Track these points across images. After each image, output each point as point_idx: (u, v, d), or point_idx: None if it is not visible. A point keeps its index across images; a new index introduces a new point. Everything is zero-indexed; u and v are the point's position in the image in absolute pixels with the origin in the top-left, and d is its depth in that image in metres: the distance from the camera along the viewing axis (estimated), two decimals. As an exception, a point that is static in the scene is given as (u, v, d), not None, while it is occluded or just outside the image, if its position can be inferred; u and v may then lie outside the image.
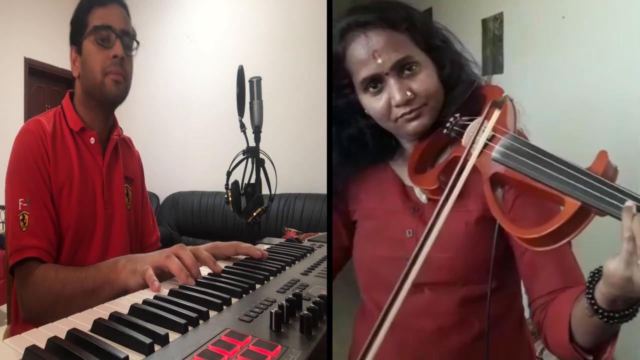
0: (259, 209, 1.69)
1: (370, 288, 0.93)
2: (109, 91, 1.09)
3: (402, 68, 0.79)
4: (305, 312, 0.63)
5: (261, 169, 1.74)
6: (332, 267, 0.94)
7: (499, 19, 2.96)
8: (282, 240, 1.36)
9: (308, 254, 1.13)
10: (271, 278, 0.90)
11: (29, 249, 0.99)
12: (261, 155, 1.73)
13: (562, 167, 0.59)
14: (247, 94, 1.78)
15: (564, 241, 0.58)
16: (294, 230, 3.35)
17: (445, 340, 0.86)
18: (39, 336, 0.60)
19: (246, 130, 1.77)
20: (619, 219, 0.54)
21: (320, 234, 1.59)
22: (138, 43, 1.15)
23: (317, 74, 2.55)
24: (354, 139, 0.87)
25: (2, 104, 4.12)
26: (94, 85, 1.09)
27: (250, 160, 1.73)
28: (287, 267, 0.99)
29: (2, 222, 3.25)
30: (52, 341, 0.56)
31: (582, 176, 0.57)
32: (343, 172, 0.90)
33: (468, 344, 0.85)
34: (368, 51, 0.78)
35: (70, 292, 0.93)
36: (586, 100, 2.24)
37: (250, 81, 1.77)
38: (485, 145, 0.68)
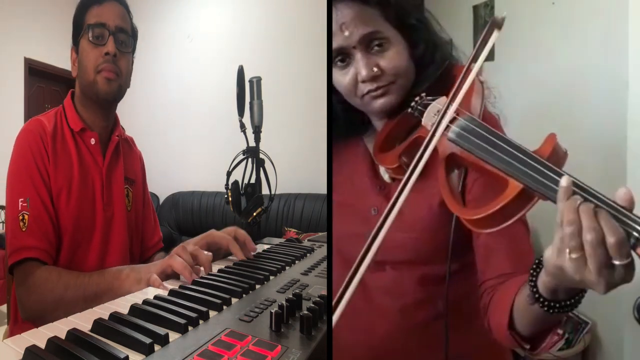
0: (259, 209, 1.69)
1: (339, 263, 0.93)
2: (101, 89, 1.08)
3: (370, 43, 0.77)
4: (305, 312, 0.63)
5: (261, 169, 1.74)
6: (332, 267, 0.94)
7: (489, 5, 2.97)
8: (282, 240, 1.36)
9: (308, 254, 1.13)
10: (271, 278, 0.90)
11: (28, 249, 0.98)
12: (261, 155, 1.73)
13: (508, 148, 0.59)
14: (247, 94, 1.78)
15: (507, 223, 0.58)
16: (294, 230, 3.34)
17: (408, 318, 0.86)
18: (39, 336, 0.60)
19: (246, 130, 1.77)
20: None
21: (320, 234, 1.59)
22: (135, 43, 1.14)
23: (317, 74, 2.55)
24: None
25: (2, 104, 4.12)
26: (88, 83, 1.09)
27: (250, 160, 1.73)
28: (287, 267, 0.99)
29: (2, 222, 3.25)
30: (52, 341, 0.56)
31: (525, 158, 0.57)
32: None
33: (430, 322, 0.85)
34: (336, 24, 0.77)
35: (72, 297, 0.93)
36: (575, 86, 2.24)
37: (250, 81, 1.77)
38: (447, 127, 0.67)
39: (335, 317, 0.59)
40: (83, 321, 0.65)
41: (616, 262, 0.49)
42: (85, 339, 0.57)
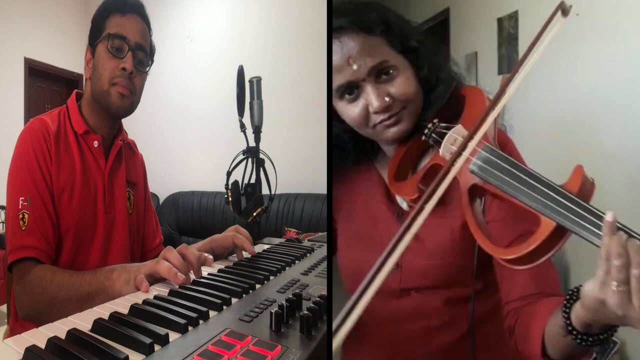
0: (259, 209, 1.69)
1: (354, 291, 0.93)
2: (113, 102, 1.08)
3: (379, 73, 0.76)
4: (305, 312, 0.63)
5: (261, 169, 1.73)
6: (332, 267, 0.94)
7: (514, 17, 2.96)
8: (282, 240, 1.36)
9: (308, 254, 1.13)
10: (271, 278, 0.90)
11: (26, 248, 0.98)
12: (261, 155, 1.73)
13: (537, 185, 0.58)
14: (247, 94, 1.78)
15: (541, 260, 0.57)
16: (294, 230, 3.35)
17: (433, 339, 0.86)
18: (39, 336, 0.60)
19: (246, 130, 1.77)
20: (591, 242, 0.53)
21: (320, 234, 1.59)
22: (152, 62, 1.14)
23: (317, 74, 2.55)
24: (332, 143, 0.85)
25: (2, 104, 4.12)
26: (101, 92, 1.08)
27: (250, 160, 1.73)
28: (287, 267, 0.99)
29: (2, 222, 3.25)
30: (52, 341, 0.56)
31: (556, 195, 0.56)
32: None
33: (456, 342, 0.85)
34: (342, 57, 0.75)
35: (65, 296, 0.93)
36: (601, 98, 2.22)
37: (250, 81, 1.77)
38: (468, 159, 0.65)
39: (335, 343, 0.57)
40: (83, 321, 0.65)
41: None
42: (85, 339, 0.57)
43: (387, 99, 0.75)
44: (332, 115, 0.86)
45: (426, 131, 0.75)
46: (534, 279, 0.75)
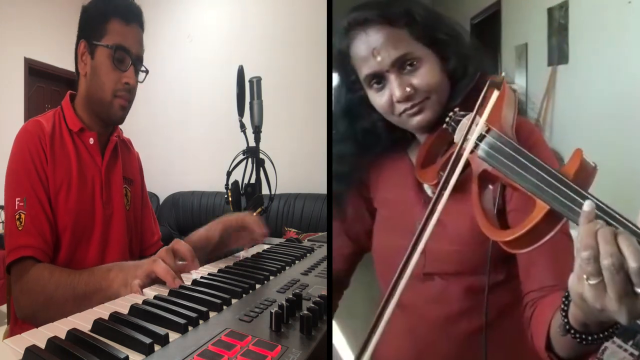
0: (259, 209, 1.69)
1: (384, 275, 0.94)
2: (114, 114, 1.10)
3: (403, 64, 0.79)
4: (305, 312, 0.63)
5: (261, 169, 1.73)
6: (332, 267, 0.94)
7: (564, 7, 2.95)
8: (282, 240, 1.36)
9: (308, 254, 1.13)
10: (271, 278, 0.90)
11: (23, 247, 0.99)
12: (261, 155, 1.73)
13: (533, 168, 0.58)
14: (247, 94, 1.78)
15: (538, 244, 0.57)
16: (294, 230, 3.35)
17: (452, 327, 0.86)
18: (39, 336, 0.60)
19: (246, 130, 1.77)
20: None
21: (320, 234, 1.59)
22: (147, 72, 1.15)
23: (317, 74, 2.55)
24: (367, 132, 0.88)
25: (2, 104, 4.12)
26: (102, 102, 1.09)
27: (250, 160, 1.72)
28: (287, 267, 0.99)
29: (2, 222, 3.25)
30: (52, 341, 0.57)
31: (549, 178, 0.56)
32: (360, 162, 0.91)
33: (475, 331, 0.85)
34: (368, 49, 0.79)
35: (62, 295, 0.93)
36: None
37: (250, 81, 1.77)
38: (476, 145, 0.67)
39: (382, 323, 0.58)
40: (83, 321, 0.65)
41: (638, 290, 0.46)
42: (85, 339, 0.57)
43: (408, 89, 0.78)
44: (332, 115, 0.87)
45: (447, 119, 0.77)
46: (552, 270, 0.75)
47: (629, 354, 1.79)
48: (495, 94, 0.69)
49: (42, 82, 4.66)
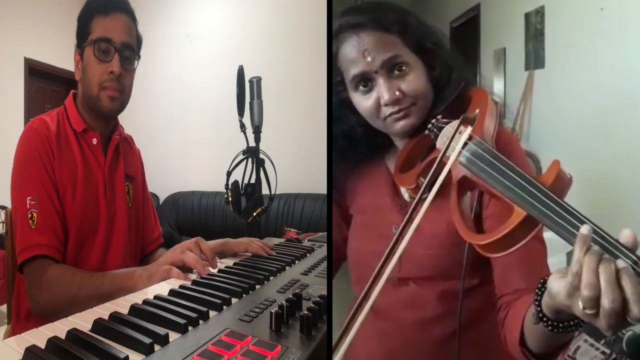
0: (259, 209, 1.69)
1: (358, 282, 0.95)
2: (104, 106, 1.09)
3: (392, 68, 0.80)
4: (305, 312, 0.63)
5: (261, 169, 1.74)
6: (332, 267, 0.94)
7: (540, 12, 2.96)
8: (282, 240, 1.36)
9: (308, 254, 1.13)
10: (271, 278, 0.90)
11: (38, 246, 0.99)
12: (261, 155, 1.73)
13: (512, 175, 0.60)
14: (247, 94, 1.78)
15: (514, 248, 0.58)
16: (294, 230, 3.34)
17: (426, 331, 0.87)
18: (39, 336, 0.60)
19: (246, 130, 1.77)
20: (557, 234, 0.53)
21: (320, 234, 1.59)
22: (139, 57, 1.14)
23: (317, 73, 2.54)
24: (345, 136, 0.89)
25: (2, 104, 4.12)
26: (91, 96, 1.09)
27: (250, 160, 1.73)
28: (287, 267, 0.99)
29: (2, 222, 3.25)
30: (52, 341, 0.57)
31: (527, 185, 0.57)
32: (339, 167, 0.92)
33: (448, 336, 0.86)
34: (359, 50, 0.80)
35: (86, 295, 0.95)
36: (629, 93, 2.20)
37: (250, 81, 1.77)
38: (460, 152, 0.68)
39: (354, 328, 0.59)
40: (83, 321, 0.65)
41: (633, 323, 0.47)
42: (85, 339, 0.57)
43: (397, 93, 0.79)
44: (332, 115, 0.87)
45: (429, 126, 0.78)
46: (525, 274, 0.76)
47: (601, 352, 1.81)
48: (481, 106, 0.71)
49: (42, 82, 4.66)
